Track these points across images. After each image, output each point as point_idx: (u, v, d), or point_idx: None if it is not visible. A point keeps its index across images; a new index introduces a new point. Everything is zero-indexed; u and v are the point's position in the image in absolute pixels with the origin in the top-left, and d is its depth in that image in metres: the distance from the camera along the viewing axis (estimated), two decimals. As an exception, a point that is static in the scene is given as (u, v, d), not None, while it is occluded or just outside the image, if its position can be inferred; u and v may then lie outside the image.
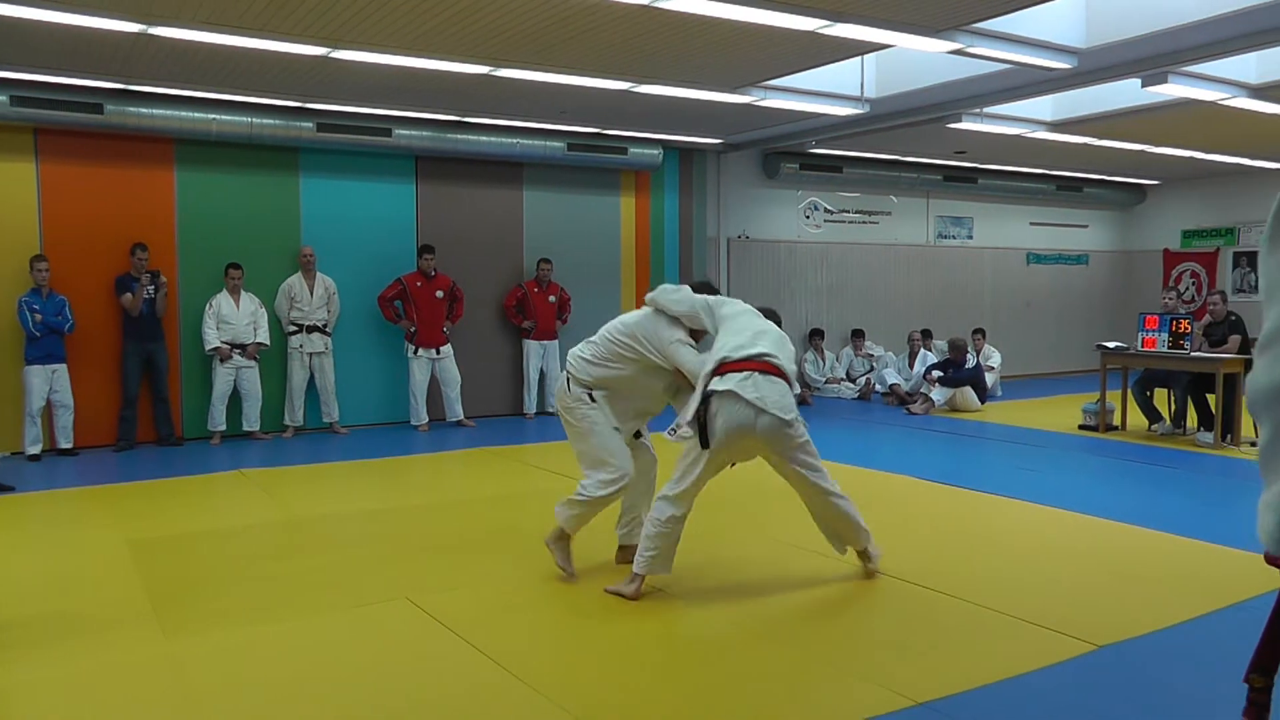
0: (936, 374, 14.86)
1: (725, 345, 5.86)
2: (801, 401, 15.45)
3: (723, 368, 5.74)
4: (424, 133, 12.76)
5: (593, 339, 6.41)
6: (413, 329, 12.86)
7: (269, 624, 5.44)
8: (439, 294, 12.99)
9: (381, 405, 13.30)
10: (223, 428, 11.85)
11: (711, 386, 5.67)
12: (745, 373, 5.69)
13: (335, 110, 12.10)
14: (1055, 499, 8.55)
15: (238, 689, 4.54)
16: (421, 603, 5.76)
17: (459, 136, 13.01)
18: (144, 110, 11.08)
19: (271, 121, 11.82)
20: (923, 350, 16.11)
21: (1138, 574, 6.41)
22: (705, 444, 5.65)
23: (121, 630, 5.34)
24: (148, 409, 11.59)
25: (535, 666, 4.80)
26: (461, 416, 13.16)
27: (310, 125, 12.05)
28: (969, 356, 15.29)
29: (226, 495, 9.08)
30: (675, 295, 6.25)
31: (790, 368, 5.97)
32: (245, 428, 12.03)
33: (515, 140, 13.41)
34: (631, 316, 6.37)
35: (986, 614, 5.60)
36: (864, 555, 6.35)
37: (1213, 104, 11.34)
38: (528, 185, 14.29)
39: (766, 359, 5.82)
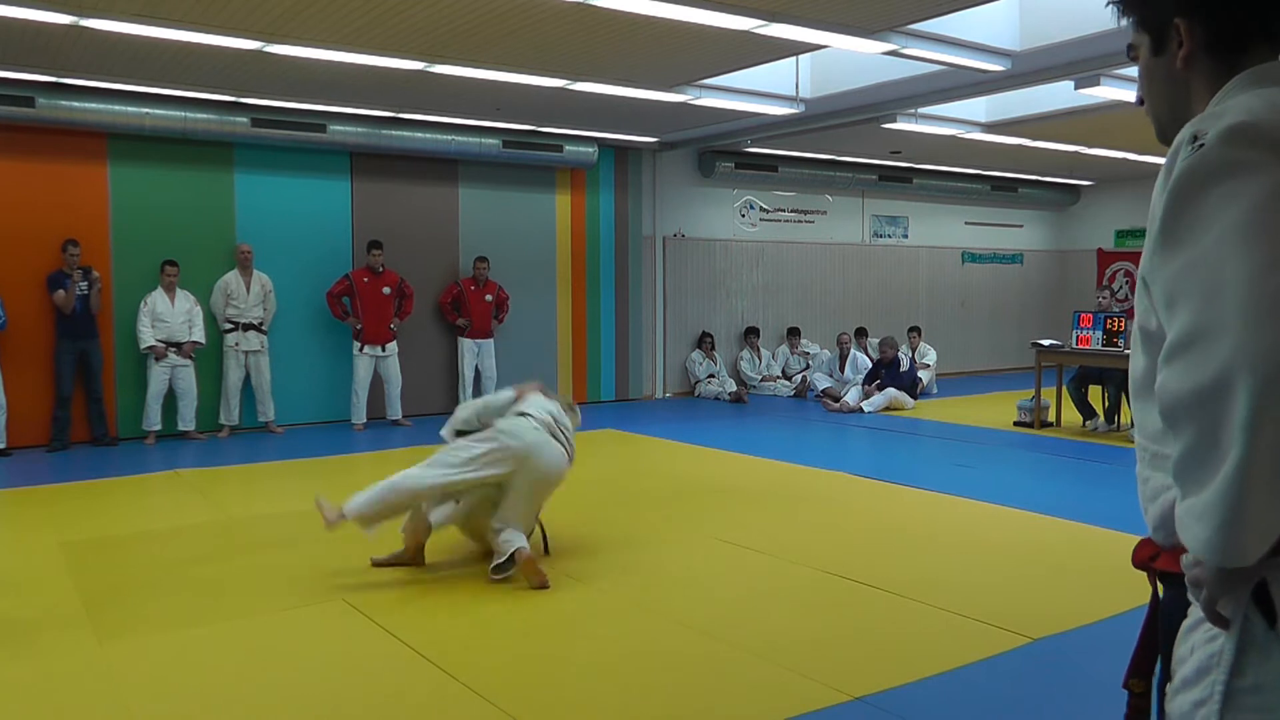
0: (875, 384, 14.91)
1: None
2: (737, 399, 15.54)
3: None
4: (359, 129, 12.69)
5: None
6: (358, 326, 12.78)
7: (204, 627, 5.39)
8: (386, 290, 12.91)
9: (318, 404, 13.20)
10: (158, 427, 11.70)
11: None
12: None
13: (270, 105, 12.00)
14: (990, 495, 8.65)
15: (172, 694, 4.50)
16: (358, 604, 5.74)
17: (394, 133, 12.95)
18: (76, 104, 10.92)
19: (206, 116, 11.68)
20: (854, 351, 16.18)
21: (1072, 568, 6.51)
22: None
23: (54, 634, 5.26)
24: (81, 408, 11.42)
25: (471, 666, 4.79)
26: (400, 415, 13.10)
27: (245, 120, 11.93)
28: (901, 356, 15.38)
29: (161, 496, 8.98)
30: None
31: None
32: (180, 427, 11.88)
33: (450, 137, 13.36)
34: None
35: (922, 609, 5.66)
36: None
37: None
38: (463, 182, 14.24)
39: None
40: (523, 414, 6.43)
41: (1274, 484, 1.54)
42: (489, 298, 13.88)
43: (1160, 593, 2.09)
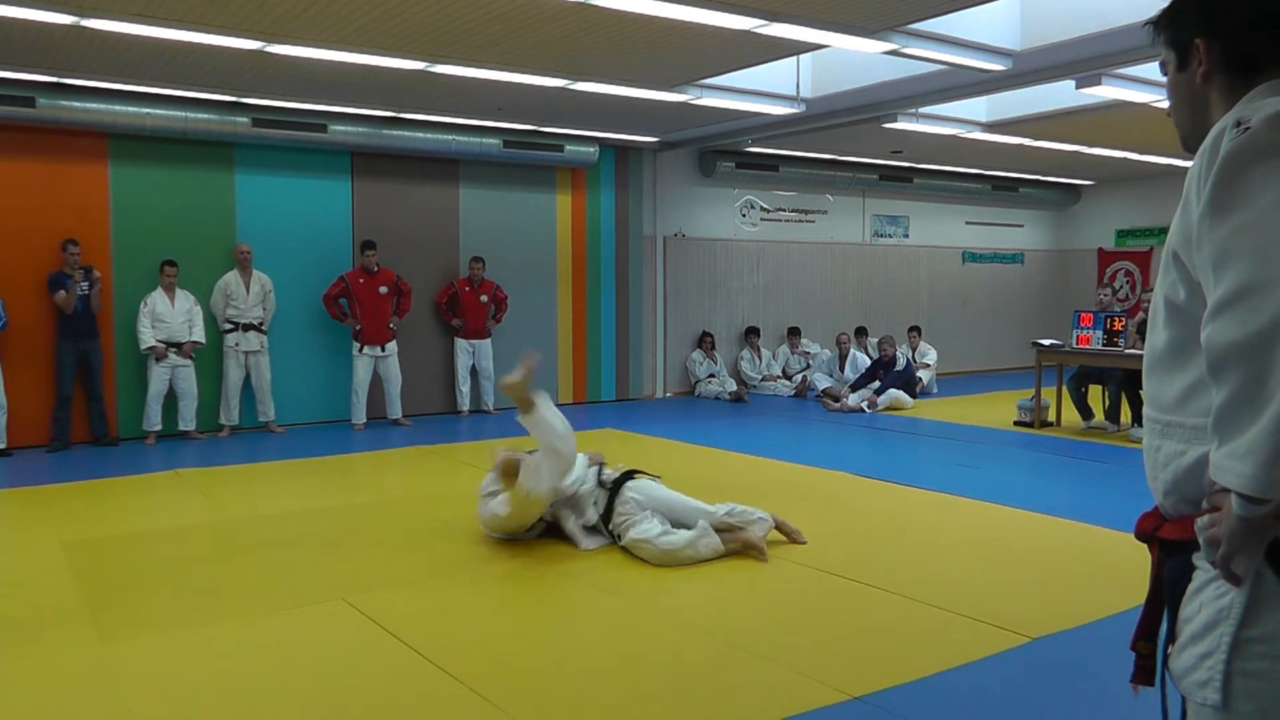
0: (875, 385, 14.92)
1: None
2: (737, 398, 15.54)
3: None
4: (360, 129, 12.69)
5: None
6: (357, 327, 12.78)
7: (204, 627, 5.39)
8: (383, 290, 12.90)
9: (319, 404, 13.20)
10: (158, 427, 11.70)
11: None
12: None
13: (271, 105, 12.00)
14: (990, 494, 8.65)
15: (173, 694, 4.50)
16: (358, 603, 5.74)
17: (395, 133, 12.94)
18: (77, 104, 10.93)
19: (206, 116, 11.68)
20: (853, 351, 16.19)
21: (1071, 567, 6.51)
22: None
23: (55, 634, 5.27)
24: (82, 408, 11.42)
25: (471, 666, 4.79)
26: (400, 415, 13.10)
27: (246, 120, 11.93)
28: (899, 355, 15.38)
29: (162, 496, 8.97)
30: None
31: None
32: (181, 427, 11.88)
33: (451, 137, 13.36)
34: None
35: (921, 608, 5.66)
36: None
37: (1145, 106, 11.49)
38: (464, 182, 14.24)
39: None
40: None
41: None
42: (484, 298, 13.88)
43: (1163, 561, 2.20)
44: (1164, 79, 2.34)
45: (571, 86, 10.80)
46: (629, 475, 7.08)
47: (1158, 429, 2.11)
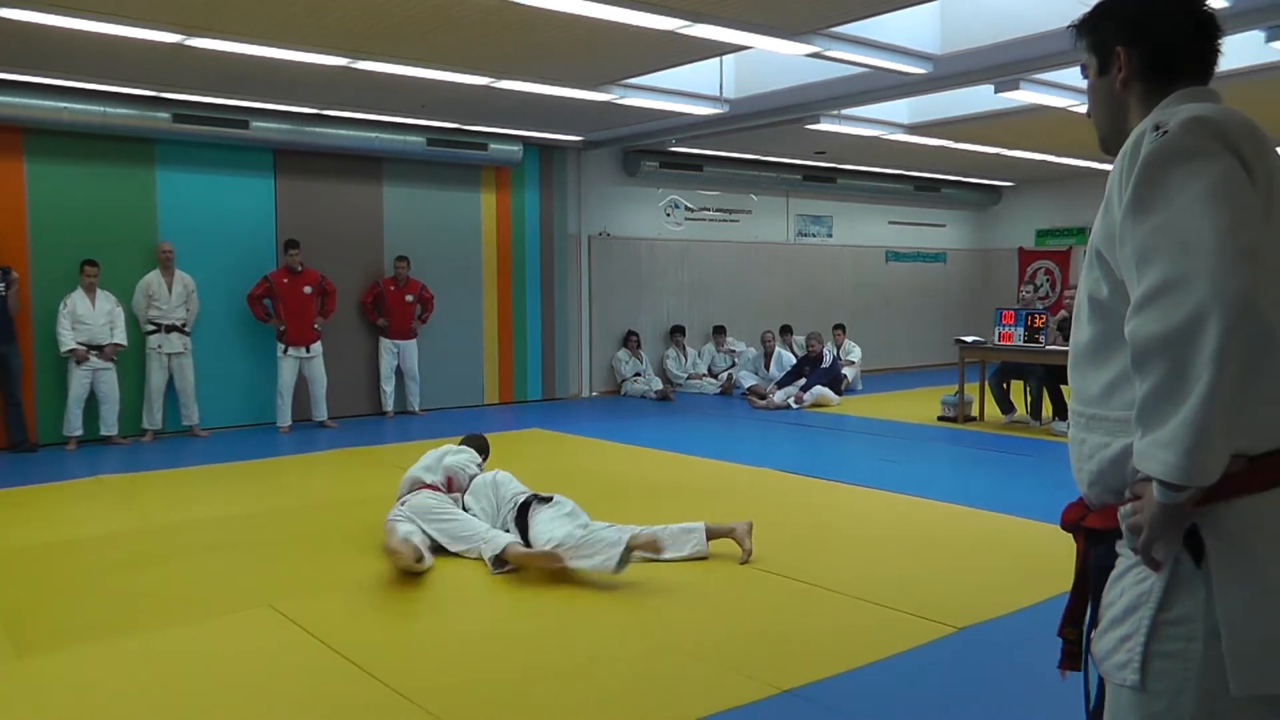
0: (801, 382, 15.01)
1: None
2: (663, 397, 15.59)
3: None
4: (282, 125, 12.56)
5: None
6: (282, 328, 12.66)
7: (128, 637, 5.31)
8: (307, 290, 12.78)
9: (244, 406, 13.05)
10: (79, 432, 11.48)
11: None
12: None
13: (192, 100, 11.82)
14: (915, 488, 8.76)
15: (97, 707, 4.44)
16: (285, 609, 5.70)
17: (318, 130, 12.84)
18: (-10, 97, 10.75)
19: (126, 111, 11.47)
20: (778, 349, 16.30)
21: (995, 558, 6.63)
22: None
23: (-29, 642, 5.19)
24: (0, 414, 11.25)
25: (398, 669, 4.79)
26: (325, 417, 13.01)
27: (166, 116, 11.73)
28: (826, 352, 15.50)
29: (83, 503, 8.84)
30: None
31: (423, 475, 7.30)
32: (103, 432, 11.66)
33: (375, 134, 13.28)
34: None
35: (848, 601, 5.73)
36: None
37: (1063, 110, 11.67)
38: (387, 180, 14.16)
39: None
40: None
41: (1232, 412, 1.79)
42: (409, 298, 13.81)
43: (1087, 550, 2.29)
44: (1084, 82, 2.44)
45: (495, 85, 10.79)
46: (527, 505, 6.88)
47: (1083, 422, 2.19)
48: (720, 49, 9.82)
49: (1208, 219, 1.84)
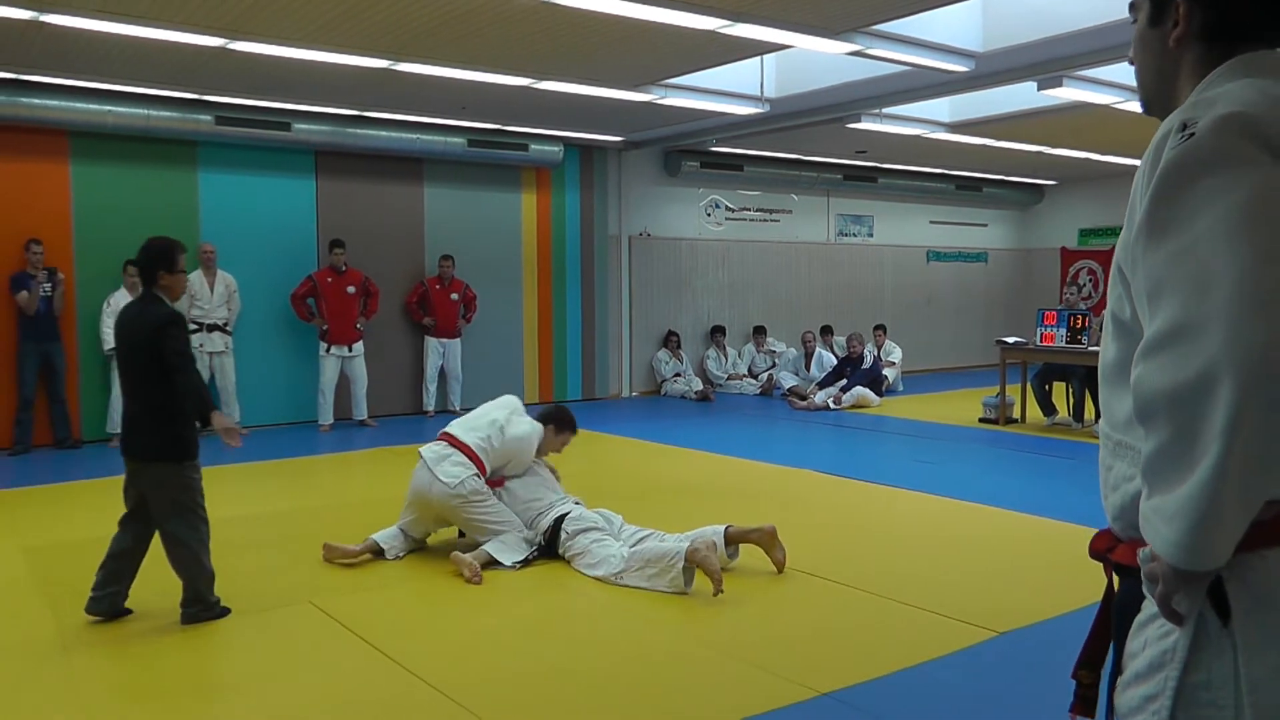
0: (841, 383, 14.96)
1: None
2: (703, 397, 15.55)
3: None
4: (324, 127, 12.63)
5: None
6: (324, 326, 12.73)
7: (170, 632, 5.36)
8: (350, 289, 12.85)
9: (284, 405, 13.13)
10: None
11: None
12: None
13: (234, 103, 11.91)
14: (955, 490, 8.70)
15: (139, 699, 4.48)
16: (325, 606, 5.72)
17: (359, 131, 12.89)
18: (37, 101, 10.81)
19: (169, 114, 11.57)
20: (819, 350, 16.25)
21: (1037, 562, 6.56)
22: None
23: (18, 641, 5.23)
24: (44, 411, 11.29)
25: (438, 668, 4.79)
26: (365, 416, 13.07)
27: (209, 118, 11.84)
28: (866, 353, 15.44)
29: (124, 498, 8.91)
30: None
31: (476, 441, 6.81)
32: (144, 429, 11.76)
33: (416, 136, 13.32)
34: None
35: (888, 604, 5.69)
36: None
37: (1107, 107, 11.56)
38: (428, 181, 14.21)
39: (446, 433, 6.96)
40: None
41: (1244, 490, 1.54)
42: (455, 296, 13.85)
43: (1115, 584, 2.08)
44: (1125, 81, 2.13)
45: (536, 86, 10.79)
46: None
47: (1109, 446, 1.96)
48: (761, 48, 9.79)
49: (1231, 250, 1.55)
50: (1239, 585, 1.65)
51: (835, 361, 15.69)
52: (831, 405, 14.48)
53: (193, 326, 11.98)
